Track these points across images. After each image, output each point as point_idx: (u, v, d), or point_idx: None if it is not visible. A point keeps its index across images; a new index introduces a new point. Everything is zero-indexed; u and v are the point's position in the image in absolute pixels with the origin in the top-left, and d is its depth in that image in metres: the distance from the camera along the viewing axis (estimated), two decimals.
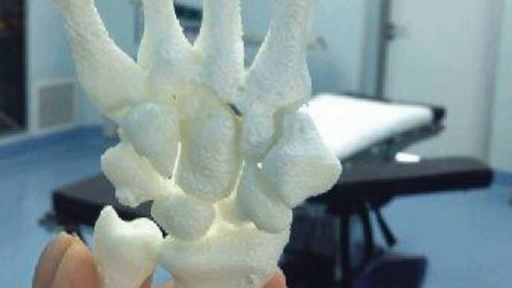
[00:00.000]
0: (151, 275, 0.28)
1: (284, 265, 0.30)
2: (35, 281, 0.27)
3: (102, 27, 0.27)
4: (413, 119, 2.78)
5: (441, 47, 4.35)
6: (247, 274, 0.27)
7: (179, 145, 0.27)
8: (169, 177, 0.28)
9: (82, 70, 0.27)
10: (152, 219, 0.28)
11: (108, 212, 0.28)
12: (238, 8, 0.27)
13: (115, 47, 0.27)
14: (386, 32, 4.55)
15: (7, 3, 4.33)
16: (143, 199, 0.28)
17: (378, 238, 2.74)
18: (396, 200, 2.70)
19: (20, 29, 4.35)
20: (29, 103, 4.47)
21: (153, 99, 0.27)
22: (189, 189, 0.27)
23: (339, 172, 0.26)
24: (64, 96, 4.69)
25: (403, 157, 3.00)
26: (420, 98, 3.88)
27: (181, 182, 0.27)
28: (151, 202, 0.28)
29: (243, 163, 0.27)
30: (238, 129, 0.27)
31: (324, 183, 0.26)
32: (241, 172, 0.27)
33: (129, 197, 0.27)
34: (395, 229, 2.86)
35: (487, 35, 4.23)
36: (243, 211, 0.27)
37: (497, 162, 3.99)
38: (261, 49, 0.27)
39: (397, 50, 4.53)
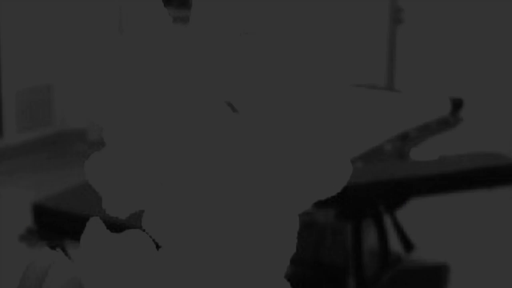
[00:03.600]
0: None
1: (291, 276, 0.30)
2: None
3: None
4: (429, 112, 2.78)
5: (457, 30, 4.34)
6: None
7: None
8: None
9: None
10: (143, 230, 0.28)
11: (95, 225, 0.28)
12: None
13: None
14: (395, 16, 4.54)
15: None
16: (133, 209, 0.27)
17: (395, 244, 2.73)
18: (413, 201, 2.70)
19: None
20: (4, 107, 4.46)
21: None
22: None
23: (349, 173, 0.26)
24: (42, 98, 4.69)
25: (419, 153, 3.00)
26: (436, 88, 3.87)
27: None
28: (142, 212, 0.28)
29: None
30: None
31: (333, 185, 0.26)
32: None
33: (118, 207, 0.27)
34: (413, 234, 2.85)
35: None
36: None
37: None
38: None
39: (408, 35, 4.52)
